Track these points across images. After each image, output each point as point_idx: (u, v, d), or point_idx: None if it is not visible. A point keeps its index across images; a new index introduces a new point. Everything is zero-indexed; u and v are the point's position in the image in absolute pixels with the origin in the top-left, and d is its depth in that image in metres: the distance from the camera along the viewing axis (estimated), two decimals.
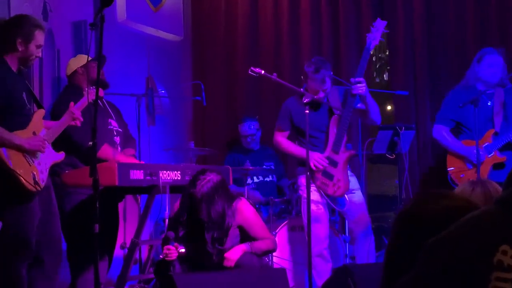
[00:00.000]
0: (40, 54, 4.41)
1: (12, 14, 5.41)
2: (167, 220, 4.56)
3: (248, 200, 4.73)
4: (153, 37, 7.19)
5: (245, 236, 4.58)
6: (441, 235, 1.50)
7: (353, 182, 5.43)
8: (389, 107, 8.99)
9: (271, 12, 7.57)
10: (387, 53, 7.36)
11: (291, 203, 6.12)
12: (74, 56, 5.70)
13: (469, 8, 6.74)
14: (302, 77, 5.42)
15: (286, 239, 5.81)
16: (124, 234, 5.55)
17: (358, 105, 5.34)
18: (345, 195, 5.32)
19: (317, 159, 5.23)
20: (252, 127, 6.90)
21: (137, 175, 4.69)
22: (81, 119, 4.46)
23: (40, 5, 5.67)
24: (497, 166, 5.38)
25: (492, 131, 5.42)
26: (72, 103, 4.47)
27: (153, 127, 6.90)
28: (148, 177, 4.74)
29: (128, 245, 5.11)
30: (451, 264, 1.44)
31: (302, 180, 5.29)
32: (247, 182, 6.28)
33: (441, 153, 5.82)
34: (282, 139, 5.50)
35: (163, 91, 7.15)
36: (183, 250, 4.48)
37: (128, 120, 5.67)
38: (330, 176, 5.24)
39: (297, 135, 5.48)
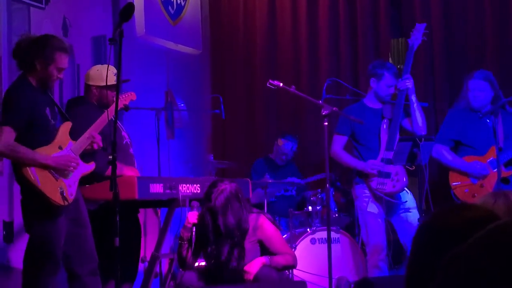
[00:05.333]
0: (62, 76, 4.32)
1: (32, 29, 5.46)
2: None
3: (268, 217, 4.73)
4: (172, 51, 7.22)
5: (266, 252, 4.57)
6: (462, 247, 1.49)
7: (410, 200, 5.54)
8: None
9: (290, 24, 7.58)
10: None
11: (311, 215, 6.10)
12: None
13: (488, 19, 6.70)
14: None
15: (307, 251, 5.79)
16: (145, 248, 5.55)
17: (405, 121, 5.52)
18: (406, 189, 5.45)
19: (371, 166, 5.36)
20: (293, 148, 6.90)
21: (156, 188, 4.68)
22: (101, 144, 4.38)
23: (60, 21, 5.71)
24: (504, 181, 5.37)
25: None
26: (91, 127, 4.37)
27: (173, 141, 6.92)
28: (167, 191, 4.73)
29: (148, 258, 5.11)
30: (471, 277, 1.43)
31: (359, 190, 5.45)
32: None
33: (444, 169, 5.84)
34: (339, 151, 5.56)
35: (182, 105, 7.17)
36: (203, 263, 4.49)
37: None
38: (387, 174, 5.33)
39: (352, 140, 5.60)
